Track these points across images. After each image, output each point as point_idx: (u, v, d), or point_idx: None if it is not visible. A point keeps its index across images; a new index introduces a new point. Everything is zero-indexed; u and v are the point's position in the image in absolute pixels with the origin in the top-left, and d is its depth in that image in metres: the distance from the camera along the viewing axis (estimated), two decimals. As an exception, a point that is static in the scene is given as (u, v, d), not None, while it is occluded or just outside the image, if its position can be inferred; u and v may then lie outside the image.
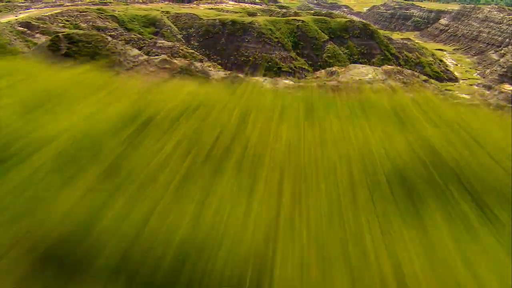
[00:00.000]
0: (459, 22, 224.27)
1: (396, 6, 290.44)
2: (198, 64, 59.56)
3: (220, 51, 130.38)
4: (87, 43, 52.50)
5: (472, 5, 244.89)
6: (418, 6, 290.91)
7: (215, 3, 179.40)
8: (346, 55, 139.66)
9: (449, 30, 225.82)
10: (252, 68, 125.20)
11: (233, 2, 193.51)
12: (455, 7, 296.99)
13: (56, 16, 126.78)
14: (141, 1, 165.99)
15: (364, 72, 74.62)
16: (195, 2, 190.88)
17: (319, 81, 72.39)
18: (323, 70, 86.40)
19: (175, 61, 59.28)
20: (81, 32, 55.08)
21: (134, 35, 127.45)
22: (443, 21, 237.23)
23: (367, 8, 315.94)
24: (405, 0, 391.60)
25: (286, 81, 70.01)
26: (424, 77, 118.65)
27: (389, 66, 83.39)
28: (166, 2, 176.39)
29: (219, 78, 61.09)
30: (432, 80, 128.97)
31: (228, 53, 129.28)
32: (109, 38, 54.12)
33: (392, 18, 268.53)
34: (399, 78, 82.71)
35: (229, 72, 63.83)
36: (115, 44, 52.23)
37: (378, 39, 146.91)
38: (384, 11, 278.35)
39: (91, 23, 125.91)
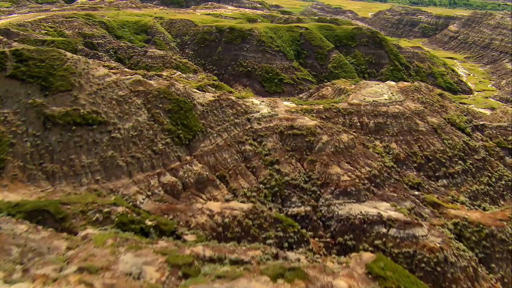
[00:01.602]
0: (470, 29, 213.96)
1: (402, 12, 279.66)
2: (179, 86, 49.33)
3: (216, 60, 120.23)
4: (40, 62, 42.16)
5: (483, 11, 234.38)
6: (425, 11, 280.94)
7: (213, 8, 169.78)
8: (352, 65, 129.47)
9: (459, 37, 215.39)
10: (251, 79, 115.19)
11: (232, 7, 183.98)
12: (464, 13, 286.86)
13: (40, 22, 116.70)
14: (134, 6, 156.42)
15: (378, 91, 64.52)
16: (192, 7, 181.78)
17: (326, 103, 62.32)
18: (329, 87, 76.12)
19: (151, 82, 49.12)
20: (32, 48, 44.87)
21: (124, 43, 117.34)
22: (452, 27, 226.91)
23: (372, 14, 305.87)
24: (410, 5, 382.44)
25: (287, 103, 59.58)
26: (439, 90, 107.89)
27: (405, 83, 73.15)
28: (161, 7, 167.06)
29: (205, 102, 50.95)
30: (447, 93, 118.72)
31: (225, 63, 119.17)
32: (68, 55, 43.93)
33: (398, 24, 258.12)
34: (417, 97, 72.45)
35: (218, 93, 53.55)
36: (76, 63, 42.01)
37: (387, 47, 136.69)
38: (391, 16, 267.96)
39: (77, 29, 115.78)
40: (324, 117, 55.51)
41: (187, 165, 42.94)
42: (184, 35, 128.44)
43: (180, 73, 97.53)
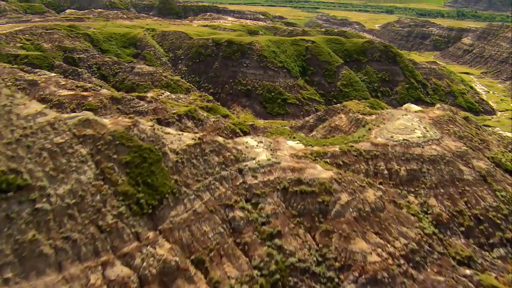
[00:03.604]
0: (485, 42, 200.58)
1: (411, 24, 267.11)
2: (145, 127, 36.01)
3: (212, 77, 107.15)
4: None
5: (500, 23, 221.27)
6: (434, 23, 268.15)
7: (212, 19, 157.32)
8: (364, 83, 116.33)
9: (474, 51, 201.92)
10: (251, 99, 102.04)
11: (232, 19, 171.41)
12: (477, 25, 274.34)
13: (16, 34, 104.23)
14: (125, 17, 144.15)
15: (408, 125, 51.20)
16: (189, 18, 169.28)
17: (343, 142, 48.90)
18: (343, 115, 62.70)
19: (104, 122, 35.94)
20: None
21: (109, 57, 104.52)
22: (466, 40, 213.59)
23: (380, 25, 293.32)
24: (418, 17, 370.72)
25: (292, 144, 45.95)
26: (463, 113, 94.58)
27: (437, 112, 59.84)
28: (155, 18, 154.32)
29: (181, 148, 37.69)
30: (470, 114, 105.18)
31: (222, 81, 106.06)
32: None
33: (408, 37, 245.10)
34: (454, 130, 59.06)
35: (199, 134, 40.18)
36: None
37: (401, 63, 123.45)
38: (400, 28, 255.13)
39: (57, 42, 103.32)
40: (341, 163, 42.19)
41: (149, 247, 29.68)
42: (177, 49, 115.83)
43: (169, 93, 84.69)
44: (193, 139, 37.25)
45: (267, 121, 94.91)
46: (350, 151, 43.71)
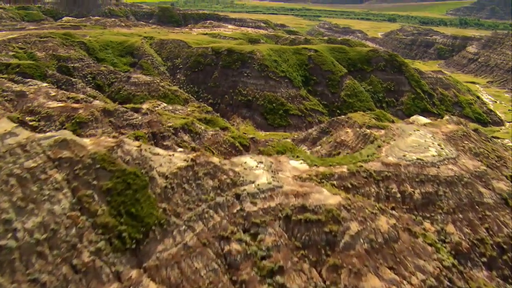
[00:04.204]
0: (491, 51, 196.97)
1: (414, 32, 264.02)
2: (130, 147, 32.19)
3: (212, 87, 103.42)
4: None
5: (505, 31, 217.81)
6: (437, 31, 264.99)
7: (212, 27, 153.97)
8: (368, 93, 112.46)
9: (479, 60, 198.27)
10: (252, 110, 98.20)
11: (233, 27, 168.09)
12: (481, 33, 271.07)
13: (8, 42, 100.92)
14: (123, 25, 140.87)
15: (421, 142, 47.24)
16: (189, 26, 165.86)
17: (351, 161, 44.89)
18: (349, 129, 58.83)
19: (84, 142, 32.09)
20: None
21: (105, 67, 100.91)
22: (471, 49, 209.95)
23: (383, 34, 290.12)
24: (420, 25, 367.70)
25: (296, 164, 41.66)
26: (473, 125, 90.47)
27: (450, 126, 55.95)
28: (154, 26, 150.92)
29: (170, 171, 33.67)
30: (478, 126, 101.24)
31: (221, 91, 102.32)
32: None
33: (412, 45, 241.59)
34: (469, 146, 55.15)
35: (192, 155, 36.25)
36: None
37: (407, 72, 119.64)
38: (403, 37, 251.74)
39: (51, 51, 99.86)
40: (350, 186, 38.24)
41: (131, 289, 25.75)
42: (175, 58, 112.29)
43: (165, 104, 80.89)
44: (185, 160, 33.37)
45: (268, 133, 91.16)
46: (359, 172, 39.75)
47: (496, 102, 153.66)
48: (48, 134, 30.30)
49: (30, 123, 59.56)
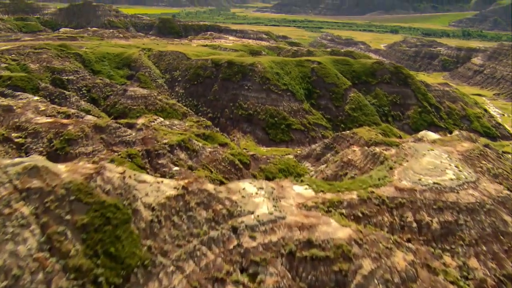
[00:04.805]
0: (497, 62, 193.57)
1: (418, 43, 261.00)
2: (112, 175, 28.37)
3: (211, 101, 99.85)
4: None
5: (511, 43, 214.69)
6: (441, 43, 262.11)
7: (213, 39, 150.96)
8: (373, 106, 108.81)
9: (485, 71, 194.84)
10: (253, 125, 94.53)
11: (234, 38, 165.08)
12: (485, 44, 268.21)
13: (2, 53, 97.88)
14: (121, 36, 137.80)
15: (437, 164, 43.31)
16: (189, 37, 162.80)
17: (361, 186, 40.96)
18: (357, 148, 54.82)
19: (57, 169, 28.22)
20: None
21: (100, 79, 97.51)
22: (476, 60, 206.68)
23: (386, 45, 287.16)
24: (423, 36, 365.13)
25: (300, 190, 36.18)
26: (484, 140, 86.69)
27: (465, 145, 52.07)
28: (153, 37, 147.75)
29: (157, 202, 29.33)
30: (488, 141, 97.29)
31: (222, 104, 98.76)
32: None
33: (416, 57, 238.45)
34: (487, 167, 51.24)
35: (184, 182, 32.42)
36: None
37: (413, 85, 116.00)
38: (407, 48, 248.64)
39: (45, 63, 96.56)
40: (360, 215, 34.24)
41: None
42: (174, 70, 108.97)
43: (162, 119, 77.15)
44: (175, 188, 29.48)
45: (270, 148, 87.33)
46: (370, 198, 35.76)
47: (504, 115, 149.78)
48: (17, 160, 26.49)
49: (16, 140, 55.95)
